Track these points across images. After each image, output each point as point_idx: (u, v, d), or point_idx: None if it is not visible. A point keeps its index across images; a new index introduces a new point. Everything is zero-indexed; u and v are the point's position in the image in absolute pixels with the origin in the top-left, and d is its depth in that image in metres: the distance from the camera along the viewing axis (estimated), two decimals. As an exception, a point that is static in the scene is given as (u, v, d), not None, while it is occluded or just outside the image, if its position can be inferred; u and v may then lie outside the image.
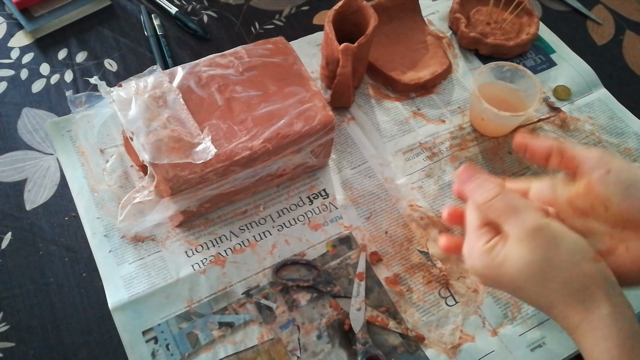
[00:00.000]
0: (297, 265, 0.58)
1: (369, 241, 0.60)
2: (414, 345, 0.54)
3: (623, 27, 0.82)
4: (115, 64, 0.72)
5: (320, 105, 0.55)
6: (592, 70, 0.75)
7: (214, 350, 0.53)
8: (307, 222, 0.61)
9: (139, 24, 0.76)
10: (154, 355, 0.52)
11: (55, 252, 0.57)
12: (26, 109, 0.67)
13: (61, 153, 0.63)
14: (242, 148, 0.52)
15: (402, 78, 0.70)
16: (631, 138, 0.70)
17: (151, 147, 0.50)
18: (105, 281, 0.55)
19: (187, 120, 0.53)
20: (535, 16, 0.76)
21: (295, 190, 0.63)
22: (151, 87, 0.54)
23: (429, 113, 0.70)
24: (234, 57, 0.57)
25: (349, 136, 0.67)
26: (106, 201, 0.60)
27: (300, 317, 0.55)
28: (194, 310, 0.55)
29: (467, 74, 0.74)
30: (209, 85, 0.55)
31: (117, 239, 0.58)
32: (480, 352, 0.54)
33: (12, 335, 0.53)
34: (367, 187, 0.64)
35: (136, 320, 0.53)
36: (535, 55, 0.77)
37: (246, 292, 0.56)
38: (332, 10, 0.65)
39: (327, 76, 0.68)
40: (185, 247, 0.58)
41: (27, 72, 0.70)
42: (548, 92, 0.73)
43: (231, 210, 0.61)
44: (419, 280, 0.58)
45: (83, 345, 0.53)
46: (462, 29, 0.75)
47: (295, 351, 0.53)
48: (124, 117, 0.52)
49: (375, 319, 0.55)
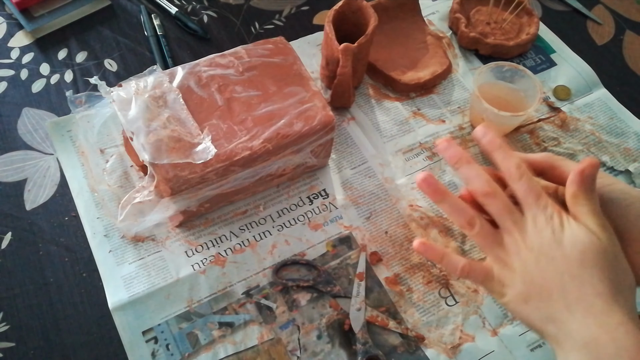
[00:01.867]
0: (297, 265, 0.58)
1: (369, 241, 0.60)
2: (414, 345, 0.54)
3: (623, 27, 0.82)
4: (115, 64, 0.72)
5: (320, 105, 0.55)
6: (592, 70, 0.75)
7: (214, 350, 0.53)
8: (307, 222, 0.61)
9: (139, 24, 0.76)
10: (154, 355, 0.52)
11: (55, 252, 0.57)
12: (26, 109, 0.67)
13: (61, 153, 0.63)
14: (242, 148, 0.52)
15: (402, 78, 0.70)
16: (631, 138, 0.70)
17: (151, 147, 0.50)
18: (105, 281, 0.55)
19: (187, 120, 0.53)
20: (535, 16, 0.76)
21: (295, 190, 0.63)
22: (151, 87, 0.54)
23: (429, 113, 0.70)
24: (234, 57, 0.57)
25: (349, 136, 0.67)
26: (106, 201, 0.60)
27: (300, 317, 0.55)
28: (194, 310, 0.55)
29: (467, 74, 0.74)
30: (209, 85, 0.55)
31: (117, 239, 0.58)
32: (481, 352, 0.54)
33: (12, 335, 0.53)
34: (367, 187, 0.64)
35: (136, 320, 0.53)
36: (535, 55, 0.77)
37: (246, 292, 0.56)
38: (332, 10, 0.65)
39: (327, 76, 0.68)
40: (185, 247, 0.58)
41: (27, 72, 0.70)
42: (548, 92, 0.73)
43: (231, 210, 0.61)
44: (419, 280, 0.58)
45: (83, 345, 0.53)
46: (462, 29, 0.75)
47: (295, 351, 0.53)
48: (124, 117, 0.52)
49: (375, 319, 0.55)
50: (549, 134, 0.69)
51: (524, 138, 0.69)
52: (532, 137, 0.69)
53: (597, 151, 0.68)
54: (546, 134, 0.69)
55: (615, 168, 0.67)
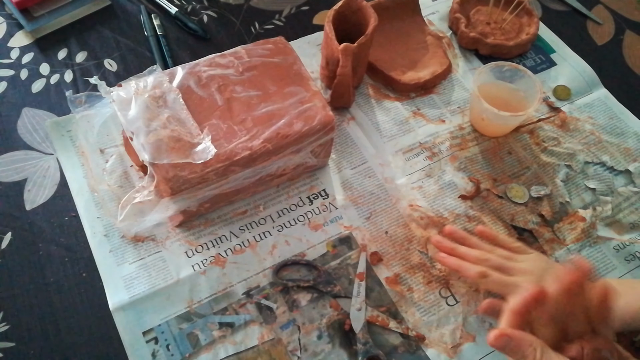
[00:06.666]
0: (298, 266, 0.58)
1: (369, 241, 0.60)
2: (414, 345, 0.54)
3: (623, 27, 0.82)
4: (115, 64, 0.72)
5: (320, 105, 0.55)
6: (592, 70, 0.75)
7: (214, 350, 0.53)
8: (307, 223, 0.61)
9: (139, 24, 0.76)
10: (154, 356, 0.52)
11: (55, 252, 0.57)
12: (26, 109, 0.67)
13: (61, 153, 0.63)
14: (242, 148, 0.52)
15: (402, 78, 0.70)
16: (631, 138, 0.70)
17: (151, 147, 0.50)
18: (105, 281, 0.55)
19: (187, 120, 0.52)
20: (535, 16, 0.76)
21: (295, 191, 0.63)
22: (151, 87, 0.54)
23: (429, 113, 0.70)
24: (234, 57, 0.57)
25: (349, 136, 0.67)
26: (106, 201, 0.60)
27: (300, 318, 0.55)
28: (194, 310, 0.55)
29: (467, 74, 0.74)
30: (209, 85, 0.55)
31: (117, 239, 0.58)
32: (481, 351, 0.54)
33: (12, 335, 0.53)
34: (367, 187, 0.64)
35: (136, 320, 0.53)
36: (535, 55, 0.77)
37: (246, 293, 0.56)
38: (332, 10, 0.65)
39: (327, 76, 0.68)
40: (186, 247, 0.58)
41: (27, 72, 0.70)
42: (548, 92, 0.73)
43: (231, 211, 0.61)
44: (420, 280, 0.58)
45: (83, 345, 0.53)
46: (462, 29, 0.75)
47: (296, 351, 0.53)
48: (124, 117, 0.52)
49: (375, 319, 0.55)
50: (549, 134, 0.69)
51: (524, 138, 0.69)
52: (532, 137, 0.69)
53: (597, 151, 0.68)
54: (546, 134, 0.69)
55: (615, 168, 0.67)
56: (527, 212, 0.63)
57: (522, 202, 0.63)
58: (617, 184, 0.66)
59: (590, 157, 0.67)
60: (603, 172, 0.67)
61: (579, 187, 0.65)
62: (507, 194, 0.64)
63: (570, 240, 0.61)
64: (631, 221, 0.63)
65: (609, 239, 0.62)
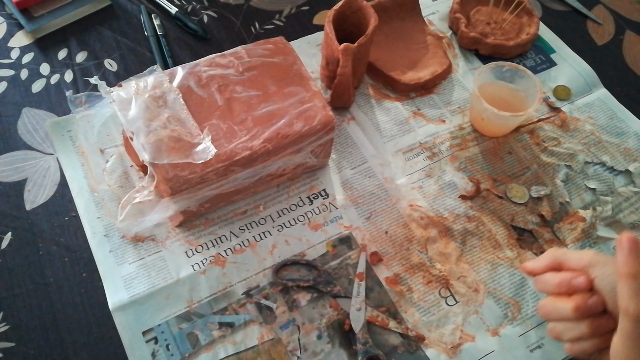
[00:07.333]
0: (297, 266, 0.58)
1: (369, 241, 0.60)
2: (414, 345, 0.54)
3: (623, 27, 0.82)
4: (115, 64, 0.72)
5: (320, 105, 0.55)
6: (592, 70, 0.75)
7: (214, 350, 0.53)
8: (307, 222, 0.61)
9: (139, 24, 0.76)
10: (154, 356, 0.52)
11: (55, 252, 0.57)
12: (26, 109, 0.67)
13: (61, 153, 0.63)
14: (242, 148, 0.52)
15: (402, 78, 0.70)
16: (631, 138, 0.70)
17: (151, 147, 0.50)
18: (105, 281, 0.55)
19: (187, 120, 0.52)
20: (535, 16, 0.76)
21: (295, 190, 0.63)
22: (151, 87, 0.54)
23: (429, 113, 0.70)
24: (234, 57, 0.57)
25: (349, 136, 0.67)
26: (106, 201, 0.60)
27: (300, 317, 0.55)
28: (194, 310, 0.55)
29: (467, 74, 0.74)
30: (209, 85, 0.55)
31: (117, 239, 0.58)
32: (481, 352, 0.54)
33: (12, 335, 0.53)
34: (367, 187, 0.64)
35: (136, 320, 0.53)
36: (535, 55, 0.77)
37: (246, 293, 0.56)
38: (332, 10, 0.65)
39: (327, 76, 0.68)
40: (185, 247, 0.58)
41: (27, 72, 0.70)
42: (548, 92, 0.73)
43: (231, 210, 0.61)
44: (419, 280, 0.58)
45: (83, 345, 0.53)
46: (462, 29, 0.75)
47: (296, 351, 0.53)
48: (124, 117, 0.52)
49: (375, 319, 0.55)
50: (549, 134, 0.69)
51: (524, 138, 0.69)
52: (532, 137, 0.69)
53: (597, 151, 0.68)
54: (546, 134, 0.69)
55: (615, 168, 0.67)
56: (527, 212, 0.63)
57: (522, 202, 0.64)
58: (617, 184, 0.66)
59: (590, 157, 0.67)
60: (603, 172, 0.67)
61: (579, 187, 0.65)
62: (507, 194, 0.64)
63: (570, 241, 0.61)
64: (631, 221, 0.63)
65: (609, 239, 0.62)
